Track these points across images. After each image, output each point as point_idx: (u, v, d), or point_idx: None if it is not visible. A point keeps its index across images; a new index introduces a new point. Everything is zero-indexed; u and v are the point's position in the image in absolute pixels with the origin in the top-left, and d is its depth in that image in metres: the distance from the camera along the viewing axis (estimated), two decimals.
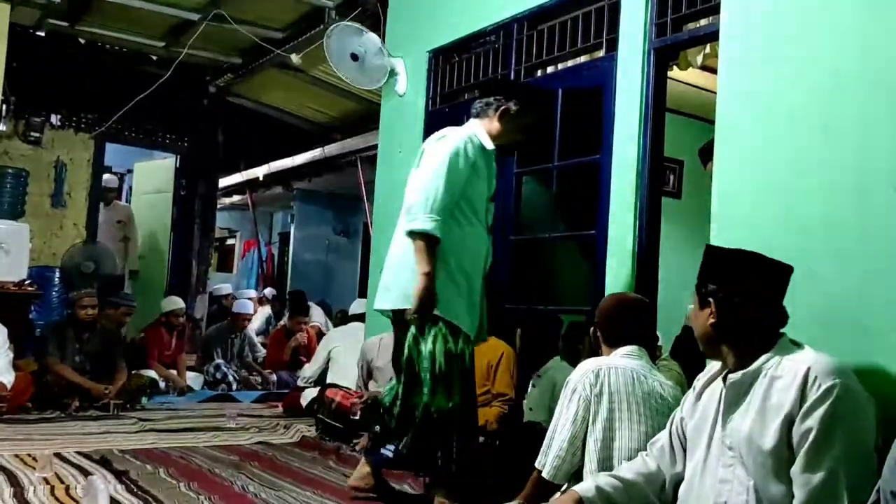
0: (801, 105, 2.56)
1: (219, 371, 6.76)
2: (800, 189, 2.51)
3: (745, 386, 1.79)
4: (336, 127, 9.27)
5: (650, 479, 2.05)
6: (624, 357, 2.46)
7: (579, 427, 2.32)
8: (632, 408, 2.32)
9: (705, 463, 1.86)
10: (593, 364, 2.39)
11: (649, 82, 3.51)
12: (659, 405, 2.36)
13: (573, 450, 2.31)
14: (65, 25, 7.10)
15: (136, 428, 4.64)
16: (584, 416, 2.31)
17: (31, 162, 7.31)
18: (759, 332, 1.82)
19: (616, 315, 2.58)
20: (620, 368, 2.37)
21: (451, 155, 2.92)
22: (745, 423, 1.76)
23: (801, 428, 1.66)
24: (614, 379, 2.34)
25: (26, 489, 3.04)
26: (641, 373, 2.40)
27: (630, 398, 2.33)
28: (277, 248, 13.73)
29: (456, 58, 4.86)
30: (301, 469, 3.75)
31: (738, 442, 1.77)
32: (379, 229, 5.39)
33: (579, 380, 2.36)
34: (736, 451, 1.78)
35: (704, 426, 1.89)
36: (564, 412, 2.35)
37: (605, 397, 2.32)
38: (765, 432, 1.71)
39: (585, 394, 2.32)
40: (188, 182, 8.71)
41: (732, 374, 1.82)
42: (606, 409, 2.31)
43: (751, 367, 1.79)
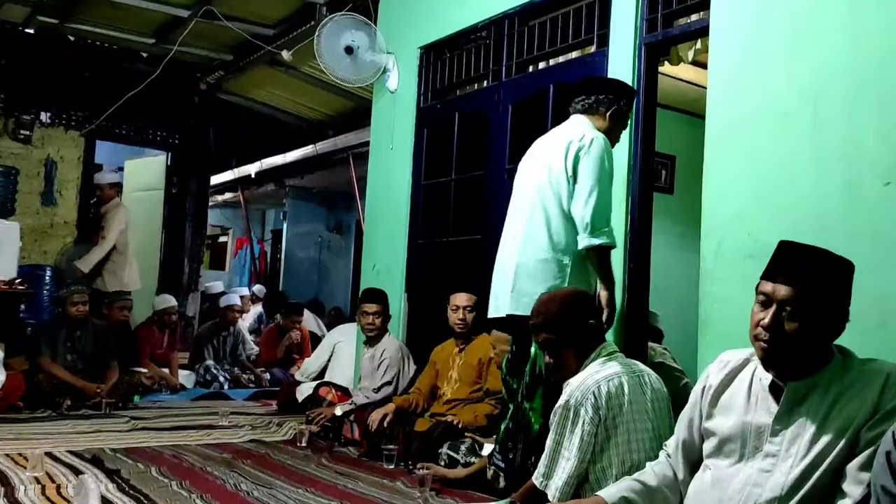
0: (790, 100, 2.56)
1: (209, 373, 6.73)
2: (790, 183, 2.52)
3: (800, 396, 1.72)
4: (328, 123, 9.25)
5: (672, 485, 2.01)
6: (611, 363, 2.39)
7: (586, 451, 2.24)
8: (642, 415, 2.29)
9: (736, 467, 1.79)
10: (591, 382, 2.29)
11: (640, 77, 3.51)
12: (663, 401, 2.37)
13: (579, 473, 2.26)
14: (54, 23, 7.06)
15: (128, 426, 4.61)
16: (591, 440, 2.24)
17: (21, 160, 7.27)
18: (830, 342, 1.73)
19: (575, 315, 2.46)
20: (615, 378, 2.30)
21: (608, 160, 2.87)
22: (803, 433, 1.69)
23: (875, 431, 1.60)
24: (616, 393, 2.26)
25: (17, 489, 3.03)
26: (633, 372, 2.36)
27: (634, 406, 2.29)
28: (270, 246, 13.70)
29: (447, 54, 4.85)
30: (294, 467, 3.75)
31: (789, 451, 1.70)
32: (371, 226, 5.39)
33: (581, 401, 2.26)
34: (780, 459, 1.71)
35: (736, 430, 1.81)
36: (568, 436, 2.27)
37: (611, 416, 2.25)
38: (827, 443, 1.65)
39: (590, 416, 2.24)
40: (179, 179, 8.67)
41: (792, 382, 1.73)
42: (616, 433, 2.25)
43: (812, 377, 1.72)
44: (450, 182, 4.75)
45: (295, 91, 8.38)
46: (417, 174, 4.96)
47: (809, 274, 1.71)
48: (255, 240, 13.31)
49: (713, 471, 1.85)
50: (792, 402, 1.74)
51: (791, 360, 1.74)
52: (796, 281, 1.70)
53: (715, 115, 2.80)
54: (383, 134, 5.27)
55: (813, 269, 1.72)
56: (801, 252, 1.75)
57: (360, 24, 5.02)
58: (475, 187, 4.58)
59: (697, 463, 1.94)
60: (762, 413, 1.78)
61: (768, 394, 1.79)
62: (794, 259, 1.74)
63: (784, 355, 1.73)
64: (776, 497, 1.68)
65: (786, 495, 1.68)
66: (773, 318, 1.71)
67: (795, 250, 1.76)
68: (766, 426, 1.76)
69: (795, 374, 1.75)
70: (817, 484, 1.65)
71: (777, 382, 1.77)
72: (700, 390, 1.95)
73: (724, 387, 1.89)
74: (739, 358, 1.90)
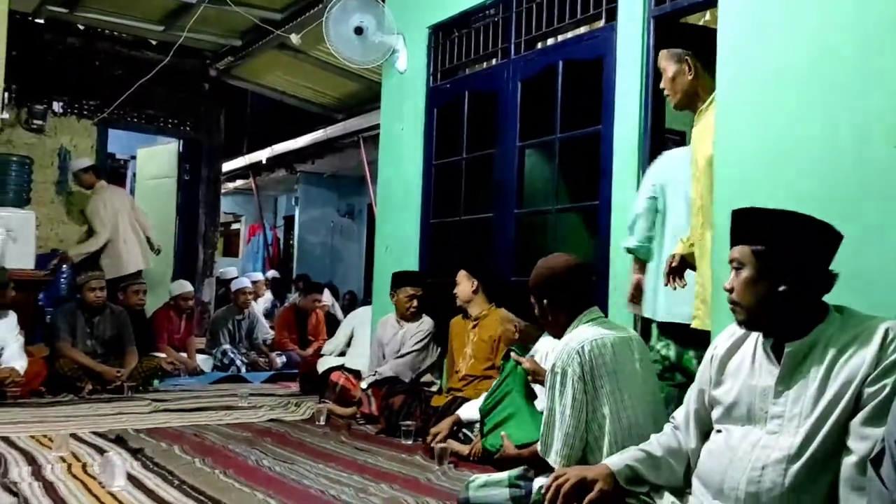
0: (800, 66, 2.56)
1: (226, 357, 6.82)
2: (800, 150, 2.52)
3: (800, 356, 1.75)
4: (338, 107, 9.27)
5: (678, 454, 2.03)
6: (595, 325, 2.44)
7: (580, 410, 2.27)
8: (623, 376, 2.31)
9: (745, 430, 1.81)
10: (575, 343, 2.33)
11: (650, 51, 3.51)
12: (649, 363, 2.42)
13: (578, 434, 2.28)
14: (64, 12, 7.10)
15: (149, 408, 4.69)
16: (582, 398, 2.27)
17: (35, 150, 7.34)
18: (816, 300, 1.77)
19: (571, 279, 2.53)
20: (598, 339, 2.33)
21: None
22: (805, 392, 1.71)
23: (876, 385, 1.62)
24: (599, 352, 2.30)
25: (44, 468, 3.10)
26: (616, 335, 2.40)
27: (619, 366, 2.32)
28: (282, 232, 13.77)
29: (456, 33, 4.86)
30: (313, 443, 3.81)
31: (793, 411, 1.72)
32: (383, 207, 5.42)
33: (567, 362, 2.29)
34: (786, 419, 1.73)
35: (742, 395, 1.83)
36: (559, 398, 2.30)
37: (598, 373, 2.28)
38: (830, 400, 1.67)
39: (577, 375, 2.27)
40: (192, 167, 8.73)
41: (789, 344, 1.76)
42: (604, 384, 2.28)
43: (809, 336, 1.74)
44: (461, 161, 4.78)
45: (304, 75, 8.40)
46: (428, 154, 4.98)
47: (763, 234, 1.78)
48: (268, 226, 13.39)
49: (722, 436, 1.88)
50: (792, 363, 1.76)
51: (763, 320, 1.80)
52: (749, 241, 1.79)
53: (724, 85, 2.80)
54: (393, 115, 5.29)
55: (767, 228, 1.78)
56: (762, 215, 1.82)
57: (369, 5, 5.02)
58: (486, 166, 4.60)
59: (709, 432, 1.97)
60: (766, 376, 1.81)
61: (771, 356, 1.81)
62: (754, 222, 1.81)
63: (754, 316, 1.81)
64: (785, 457, 1.71)
65: (794, 455, 1.70)
66: (731, 281, 1.82)
67: (754, 214, 1.83)
68: (770, 388, 1.79)
69: (789, 335, 1.77)
70: (825, 441, 1.68)
71: (779, 345, 1.80)
72: (708, 359, 1.99)
73: (731, 354, 1.92)
74: None
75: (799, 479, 1.69)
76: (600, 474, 1.95)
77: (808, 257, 1.76)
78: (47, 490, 2.78)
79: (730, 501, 1.79)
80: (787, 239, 1.76)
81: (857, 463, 1.63)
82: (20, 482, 2.87)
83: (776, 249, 1.76)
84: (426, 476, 3.17)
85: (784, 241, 1.76)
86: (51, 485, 2.86)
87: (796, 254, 1.75)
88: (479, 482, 2.42)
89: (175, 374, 6.18)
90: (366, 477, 3.12)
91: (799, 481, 1.69)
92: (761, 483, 1.73)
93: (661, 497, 1.95)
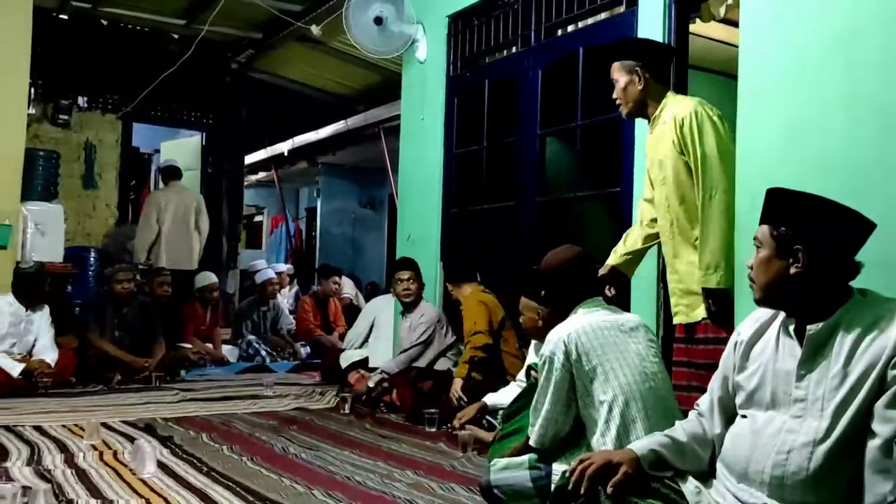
0: (822, 49, 2.53)
1: (251, 347, 6.90)
2: (823, 134, 2.50)
3: (822, 339, 1.73)
4: (358, 98, 9.29)
5: (703, 441, 2.03)
6: (587, 314, 2.47)
7: (559, 398, 2.33)
8: (614, 355, 2.34)
9: (769, 414, 1.80)
10: (562, 332, 2.39)
11: (671, 37, 3.49)
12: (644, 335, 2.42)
13: (557, 417, 2.35)
14: (87, 7, 7.18)
15: (177, 398, 4.77)
16: (567, 385, 2.33)
17: (61, 144, 7.45)
18: (840, 284, 1.75)
19: (566, 273, 2.58)
20: (587, 325, 2.38)
21: None
22: (828, 375, 1.70)
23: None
24: (585, 339, 2.34)
25: (76, 455, 3.17)
26: (609, 321, 2.43)
27: (607, 348, 2.35)
28: (305, 223, 13.84)
29: (475, 21, 4.85)
30: (338, 431, 3.85)
31: (816, 394, 1.71)
32: (405, 197, 5.44)
33: (553, 351, 2.36)
34: (809, 402, 1.72)
35: (766, 379, 1.83)
36: (544, 385, 2.37)
37: (584, 359, 2.32)
38: (854, 382, 1.66)
39: (562, 363, 2.33)
40: (214, 159, 8.81)
41: (811, 326, 1.74)
42: (591, 368, 2.32)
43: (831, 318, 1.73)
44: (481, 150, 4.78)
45: (324, 67, 8.43)
46: (449, 143, 4.99)
47: (786, 215, 1.77)
48: (290, 218, 13.46)
49: (747, 420, 1.87)
50: (814, 345, 1.75)
51: (775, 299, 1.81)
52: (771, 221, 1.78)
53: (746, 68, 2.78)
54: (414, 105, 5.30)
55: (790, 210, 1.77)
56: (787, 197, 1.81)
57: None
58: (507, 154, 4.60)
59: (733, 418, 1.97)
60: (789, 359, 1.80)
61: (794, 340, 1.80)
62: (779, 203, 1.80)
63: (767, 294, 1.81)
64: (811, 441, 1.70)
65: (820, 439, 1.69)
66: (751, 259, 1.82)
67: (782, 195, 1.82)
68: (792, 371, 1.78)
69: (811, 317, 1.76)
70: (850, 425, 1.67)
71: (801, 328, 1.79)
72: (732, 346, 1.98)
73: (756, 339, 1.92)
74: (769, 312, 1.93)
75: (824, 462, 1.69)
76: (625, 458, 1.95)
77: (830, 243, 1.74)
78: (80, 477, 2.85)
79: (754, 486, 1.78)
80: (809, 223, 1.75)
81: (881, 446, 1.62)
82: (54, 469, 2.93)
83: (795, 232, 1.75)
84: (450, 463, 3.20)
85: (805, 224, 1.75)
86: (83, 472, 2.93)
87: (816, 238, 1.74)
88: (500, 465, 2.45)
89: (202, 364, 6.25)
90: (390, 463, 3.15)
91: (824, 465, 1.69)
92: (786, 467, 1.73)
93: (686, 482, 1.95)
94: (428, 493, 2.74)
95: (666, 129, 2.79)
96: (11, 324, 4.91)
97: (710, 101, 4.56)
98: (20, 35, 5.52)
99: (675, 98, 2.90)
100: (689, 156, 2.71)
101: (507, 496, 2.42)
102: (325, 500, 2.63)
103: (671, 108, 2.81)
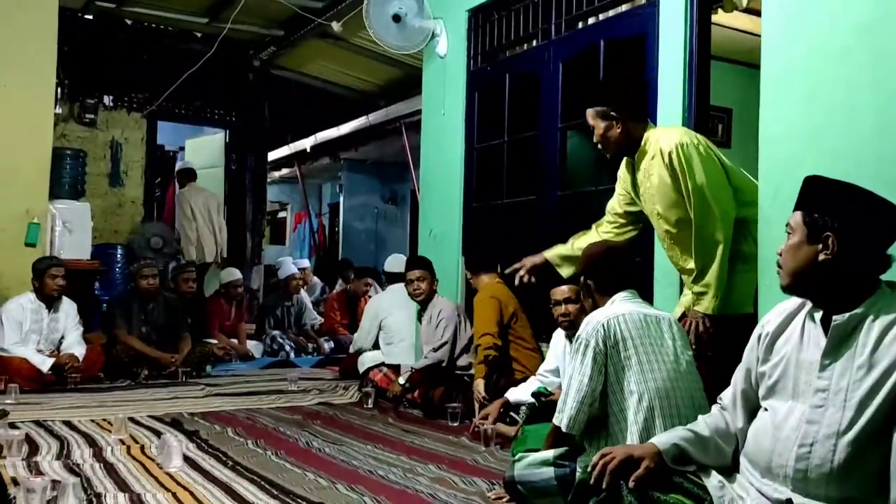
0: (849, 40, 2.49)
1: (275, 342, 6.96)
2: (848, 123, 2.47)
3: (849, 329, 1.72)
4: (379, 94, 9.31)
5: (726, 435, 2.02)
6: (624, 302, 2.48)
7: (597, 382, 2.31)
8: (651, 348, 2.34)
9: (789, 405, 1.79)
10: (601, 316, 2.39)
11: (693, 27, 3.46)
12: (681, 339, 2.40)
13: (590, 401, 2.32)
14: (111, 7, 7.26)
15: (203, 393, 4.82)
16: (601, 370, 2.32)
17: (88, 143, 7.55)
18: (869, 275, 1.73)
19: (607, 263, 2.59)
20: (627, 314, 2.38)
21: None
22: (852, 366, 1.69)
23: None
24: (624, 326, 2.35)
25: (104, 450, 3.22)
26: (644, 312, 2.43)
27: (645, 339, 2.35)
28: (328, 219, 13.91)
29: (495, 15, 4.84)
30: (361, 426, 3.88)
31: (839, 384, 1.70)
32: (426, 192, 5.45)
33: (591, 334, 2.35)
34: (831, 392, 1.71)
35: (788, 369, 1.81)
36: (579, 368, 2.35)
37: (621, 346, 2.32)
38: (880, 374, 1.64)
39: (599, 348, 2.31)
40: (238, 156, 8.88)
41: (837, 315, 1.73)
42: (626, 357, 2.31)
43: (858, 309, 1.71)
44: (502, 144, 4.77)
45: (345, 63, 8.45)
46: (470, 138, 4.99)
47: (820, 203, 1.75)
48: (313, 214, 13.53)
49: (769, 412, 1.85)
50: (839, 335, 1.73)
51: (801, 286, 1.79)
52: (805, 208, 1.76)
53: (769, 57, 2.75)
54: (434, 100, 5.30)
55: (825, 199, 1.75)
56: (823, 184, 1.80)
57: None
58: (528, 148, 4.59)
59: (756, 411, 1.95)
60: (813, 349, 1.78)
61: (819, 330, 1.79)
62: (814, 190, 1.78)
63: (793, 281, 1.79)
64: (834, 433, 1.68)
65: (843, 430, 1.67)
66: (785, 245, 1.79)
67: (818, 183, 1.80)
68: (816, 362, 1.76)
69: (837, 307, 1.74)
70: (875, 417, 1.65)
71: (827, 318, 1.78)
72: (756, 338, 1.96)
73: (780, 331, 1.90)
74: (795, 303, 1.91)
75: (848, 455, 1.67)
76: (647, 453, 1.94)
77: (861, 232, 1.72)
78: (108, 471, 2.90)
79: (778, 479, 1.77)
80: (842, 210, 1.73)
81: None
82: (82, 463, 2.99)
83: (827, 218, 1.73)
84: (473, 457, 3.21)
85: (837, 211, 1.73)
86: (111, 465, 2.98)
87: (847, 226, 1.72)
88: (524, 461, 2.44)
89: (227, 359, 6.32)
90: (413, 458, 3.17)
91: (848, 457, 1.67)
92: (810, 460, 1.71)
93: (709, 476, 1.94)
94: (450, 487, 2.75)
95: (654, 163, 2.79)
96: (34, 321, 4.99)
97: (732, 92, 4.53)
98: (47, 36, 5.60)
99: (657, 131, 2.90)
100: (681, 188, 2.72)
101: (530, 493, 2.43)
102: (349, 493, 2.65)
103: (655, 141, 2.80)
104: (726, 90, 4.87)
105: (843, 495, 1.67)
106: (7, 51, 5.44)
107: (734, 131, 5.46)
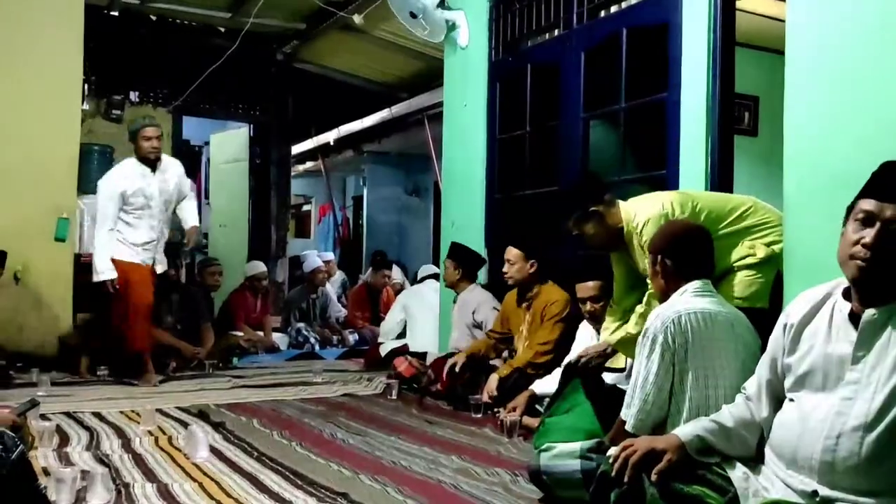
0: (875, 22, 2.45)
1: (300, 335, 7.02)
2: (876, 109, 2.42)
3: (880, 322, 1.69)
4: (402, 86, 9.30)
5: (751, 425, 2.00)
6: (696, 296, 2.35)
7: (663, 380, 2.21)
8: (720, 349, 2.24)
9: (817, 397, 1.76)
10: (672, 311, 2.26)
11: (717, 14, 3.42)
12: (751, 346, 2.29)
13: (659, 402, 2.23)
14: (136, 3, 7.32)
15: (229, 385, 4.88)
16: (669, 368, 2.21)
17: (115, 139, 7.60)
18: None
19: (691, 245, 2.46)
20: (699, 312, 2.25)
21: None
22: (885, 359, 1.66)
23: None
24: (696, 325, 2.21)
25: (133, 441, 3.27)
26: (718, 310, 2.31)
27: (716, 341, 2.24)
28: (352, 212, 13.96)
29: (517, 5, 4.81)
30: (385, 417, 3.90)
31: (871, 377, 1.67)
32: (448, 183, 5.44)
33: (660, 329, 2.22)
34: (861, 385, 1.68)
35: (818, 361, 1.79)
36: (647, 364, 2.24)
37: (690, 345, 2.20)
38: None
39: (669, 345, 2.20)
40: (262, 150, 8.93)
41: (870, 309, 1.70)
42: (695, 356, 2.20)
43: (891, 303, 1.68)
44: (524, 134, 4.75)
45: (368, 56, 8.45)
46: (492, 129, 4.97)
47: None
48: (337, 207, 13.59)
49: (796, 404, 1.83)
50: (872, 329, 1.70)
51: (885, 282, 1.71)
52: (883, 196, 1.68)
53: (795, 43, 2.71)
54: (456, 91, 5.29)
55: None
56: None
57: None
58: (550, 138, 4.56)
59: (782, 401, 1.93)
60: (843, 342, 1.76)
61: (848, 323, 1.76)
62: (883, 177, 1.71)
63: (881, 275, 1.70)
64: (861, 425, 1.66)
65: (871, 423, 1.65)
66: (876, 236, 1.68)
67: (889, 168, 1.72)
68: (847, 355, 1.73)
69: (878, 300, 1.71)
70: None
71: (855, 311, 1.75)
72: (781, 328, 1.93)
73: (806, 322, 1.87)
74: (820, 293, 1.88)
75: (876, 448, 1.65)
76: (670, 445, 1.93)
77: None
78: (136, 461, 2.94)
79: (804, 471, 1.75)
80: None
81: None
82: (111, 454, 3.04)
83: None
84: (496, 448, 3.21)
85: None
86: (139, 456, 3.02)
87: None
88: (551, 452, 2.41)
89: (253, 351, 6.38)
90: (436, 449, 3.18)
91: (876, 450, 1.65)
92: (837, 452, 1.69)
93: (733, 468, 1.92)
94: (473, 478, 2.75)
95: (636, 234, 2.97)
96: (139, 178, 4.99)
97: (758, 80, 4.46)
98: (73, 34, 5.67)
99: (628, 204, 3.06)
100: None
101: (554, 484, 2.41)
102: (372, 484, 2.66)
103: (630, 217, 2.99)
104: (752, 77, 4.81)
105: (870, 488, 1.65)
106: (35, 49, 5.52)
107: (761, 118, 5.39)
